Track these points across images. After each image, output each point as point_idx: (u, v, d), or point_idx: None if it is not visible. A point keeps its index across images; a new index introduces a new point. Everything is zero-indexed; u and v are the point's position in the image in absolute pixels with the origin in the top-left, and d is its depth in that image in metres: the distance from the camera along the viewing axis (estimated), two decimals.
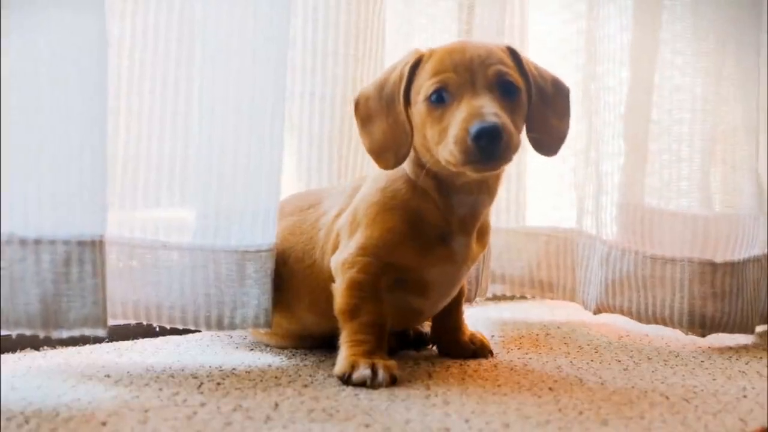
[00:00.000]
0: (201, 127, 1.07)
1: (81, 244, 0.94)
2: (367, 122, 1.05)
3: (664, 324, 1.34)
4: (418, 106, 1.00)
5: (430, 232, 1.04)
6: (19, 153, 0.91)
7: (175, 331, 1.18)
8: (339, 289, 1.04)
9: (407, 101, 1.02)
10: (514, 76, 1.00)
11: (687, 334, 1.33)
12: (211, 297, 1.07)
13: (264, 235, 1.08)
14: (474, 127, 0.92)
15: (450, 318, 1.17)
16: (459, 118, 0.94)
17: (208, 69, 1.07)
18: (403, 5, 1.42)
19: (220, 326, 1.08)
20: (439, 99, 0.98)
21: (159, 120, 1.08)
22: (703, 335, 1.33)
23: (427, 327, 1.23)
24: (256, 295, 1.08)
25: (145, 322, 1.09)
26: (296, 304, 1.12)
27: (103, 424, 0.80)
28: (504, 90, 0.98)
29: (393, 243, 1.03)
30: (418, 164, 1.04)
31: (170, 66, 1.08)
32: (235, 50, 1.06)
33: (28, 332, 0.92)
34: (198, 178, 1.08)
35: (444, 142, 0.96)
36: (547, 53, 1.54)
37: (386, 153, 1.03)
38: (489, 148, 0.92)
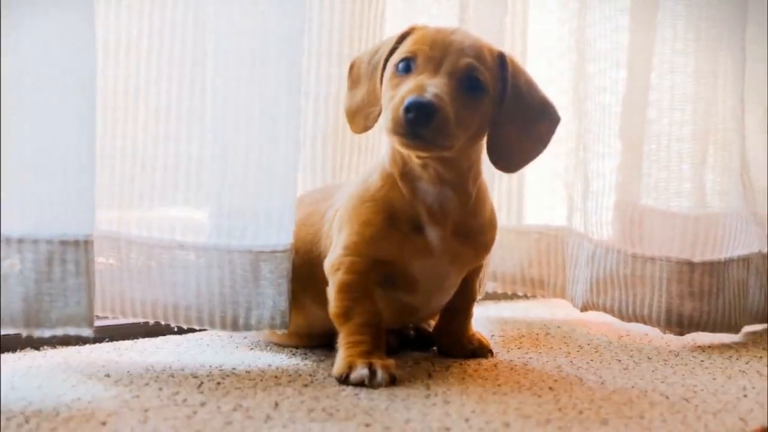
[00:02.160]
0: (215, 126, 1.07)
1: (63, 243, 0.93)
2: (354, 85, 1.09)
3: (644, 322, 1.34)
4: (387, 72, 1.02)
5: (403, 221, 1.03)
6: (4, 152, 0.90)
7: (175, 331, 1.17)
8: (331, 293, 1.04)
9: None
10: (485, 75, 0.99)
11: (664, 332, 1.33)
12: (226, 297, 1.07)
13: (279, 235, 1.08)
14: (409, 99, 0.93)
15: (456, 320, 1.17)
16: (404, 89, 0.96)
17: (221, 69, 1.07)
18: (404, 4, 1.42)
19: (235, 327, 1.08)
20: (406, 69, 0.99)
21: (175, 120, 1.08)
22: (681, 334, 1.32)
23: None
24: (272, 296, 1.08)
25: (163, 322, 1.09)
26: (303, 295, 1.12)
27: (103, 423, 0.80)
28: (468, 84, 0.98)
29: (372, 236, 1.03)
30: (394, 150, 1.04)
31: (185, 66, 1.08)
32: (248, 49, 1.06)
33: (10, 331, 0.92)
34: (213, 178, 1.08)
35: (387, 109, 0.97)
36: (547, 51, 1.54)
37: (358, 116, 1.06)
38: (416, 124, 0.92)
